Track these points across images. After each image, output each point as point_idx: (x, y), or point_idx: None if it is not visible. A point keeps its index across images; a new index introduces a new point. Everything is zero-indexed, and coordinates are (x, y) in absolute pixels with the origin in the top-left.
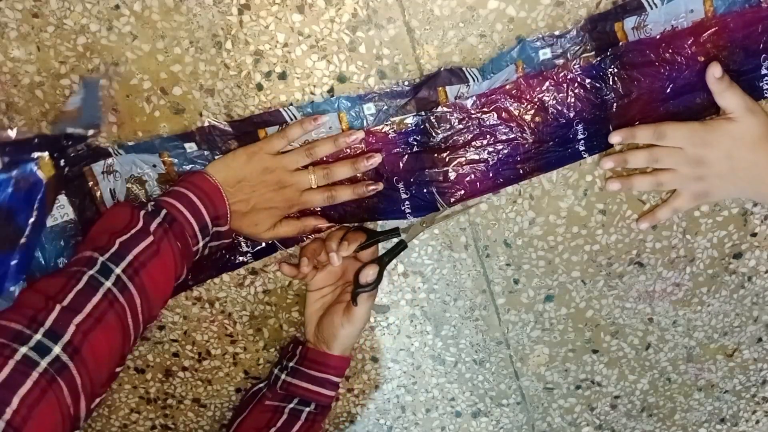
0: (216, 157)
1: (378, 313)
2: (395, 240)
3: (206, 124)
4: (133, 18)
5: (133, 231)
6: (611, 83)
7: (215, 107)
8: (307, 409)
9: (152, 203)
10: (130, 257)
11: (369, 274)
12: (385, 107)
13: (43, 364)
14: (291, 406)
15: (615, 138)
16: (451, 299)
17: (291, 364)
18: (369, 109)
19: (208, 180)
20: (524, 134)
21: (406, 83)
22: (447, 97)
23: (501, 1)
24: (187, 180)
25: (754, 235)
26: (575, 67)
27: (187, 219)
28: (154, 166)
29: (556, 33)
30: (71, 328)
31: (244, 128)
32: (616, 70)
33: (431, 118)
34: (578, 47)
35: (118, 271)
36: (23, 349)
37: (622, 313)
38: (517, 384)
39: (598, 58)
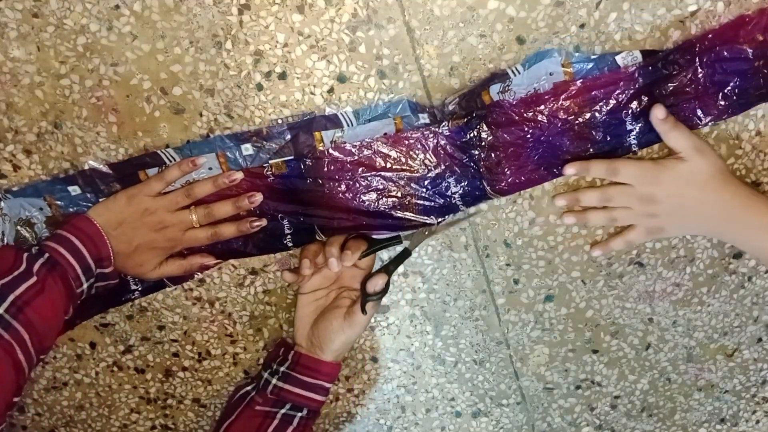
0: (100, 200)
1: (378, 313)
2: (399, 248)
3: (86, 167)
4: (133, 18)
5: (15, 273)
6: (477, 142)
7: (215, 107)
8: (299, 414)
9: (36, 247)
10: (12, 297)
11: (378, 284)
12: (263, 149)
13: None
14: (283, 411)
15: (569, 170)
16: (451, 299)
17: (282, 368)
18: (247, 150)
19: (90, 223)
20: (397, 185)
21: (284, 124)
22: (323, 141)
23: (501, 1)
24: (70, 223)
25: None
26: (445, 128)
27: (69, 262)
28: (41, 209)
29: (435, 105)
30: None
31: (124, 170)
32: (482, 132)
33: (308, 163)
34: (452, 116)
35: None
36: None
37: (622, 313)
38: (517, 384)
39: (465, 120)
